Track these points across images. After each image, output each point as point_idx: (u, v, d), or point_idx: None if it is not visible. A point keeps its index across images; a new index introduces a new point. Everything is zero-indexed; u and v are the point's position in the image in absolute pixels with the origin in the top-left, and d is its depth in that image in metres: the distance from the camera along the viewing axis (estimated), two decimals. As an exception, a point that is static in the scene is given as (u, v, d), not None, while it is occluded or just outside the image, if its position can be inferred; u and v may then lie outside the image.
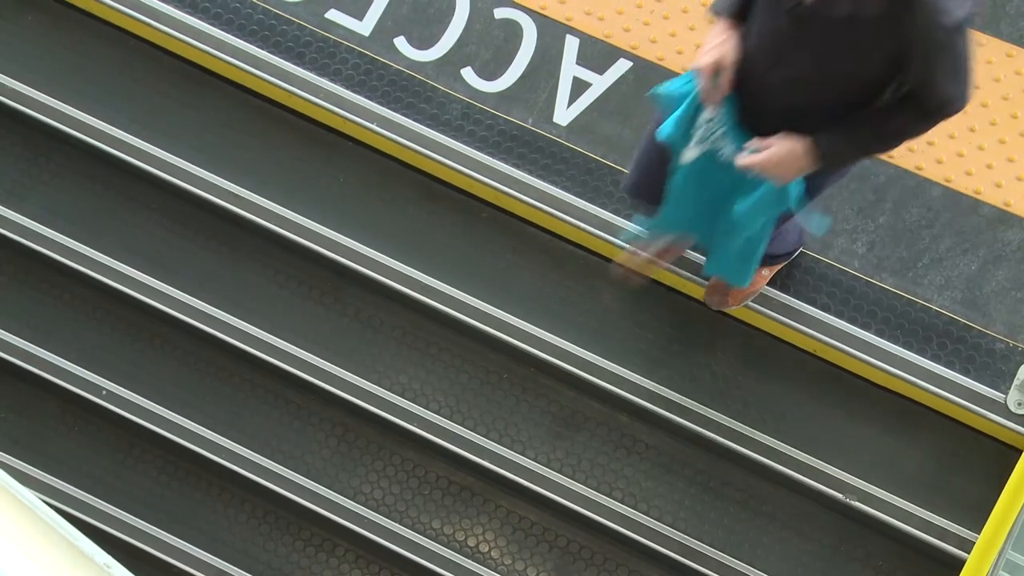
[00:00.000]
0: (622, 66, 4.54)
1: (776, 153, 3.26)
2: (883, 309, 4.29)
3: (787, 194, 3.39)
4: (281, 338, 4.52)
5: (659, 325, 4.43)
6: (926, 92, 3.13)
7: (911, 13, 2.93)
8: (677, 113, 3.44)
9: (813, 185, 3.47)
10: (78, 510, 4.48)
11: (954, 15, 2.92)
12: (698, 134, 3.43)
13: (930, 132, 4.33)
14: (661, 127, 3.49)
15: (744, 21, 3.27)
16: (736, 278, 3.89)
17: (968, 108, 4.33)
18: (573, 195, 4.41)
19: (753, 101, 3.33)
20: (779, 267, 4.25)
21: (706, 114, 3.39)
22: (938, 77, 3.08)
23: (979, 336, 4.24)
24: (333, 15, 4.66)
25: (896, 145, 3.35)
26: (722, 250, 3.77)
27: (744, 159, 3.31)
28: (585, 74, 4.54)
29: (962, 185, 4.37)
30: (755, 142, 3.30)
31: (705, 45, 3.26)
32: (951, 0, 2.91)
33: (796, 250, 4.23)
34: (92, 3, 4.75)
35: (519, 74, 4.57)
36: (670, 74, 4.49)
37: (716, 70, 3.25)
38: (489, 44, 4.60)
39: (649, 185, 3.79)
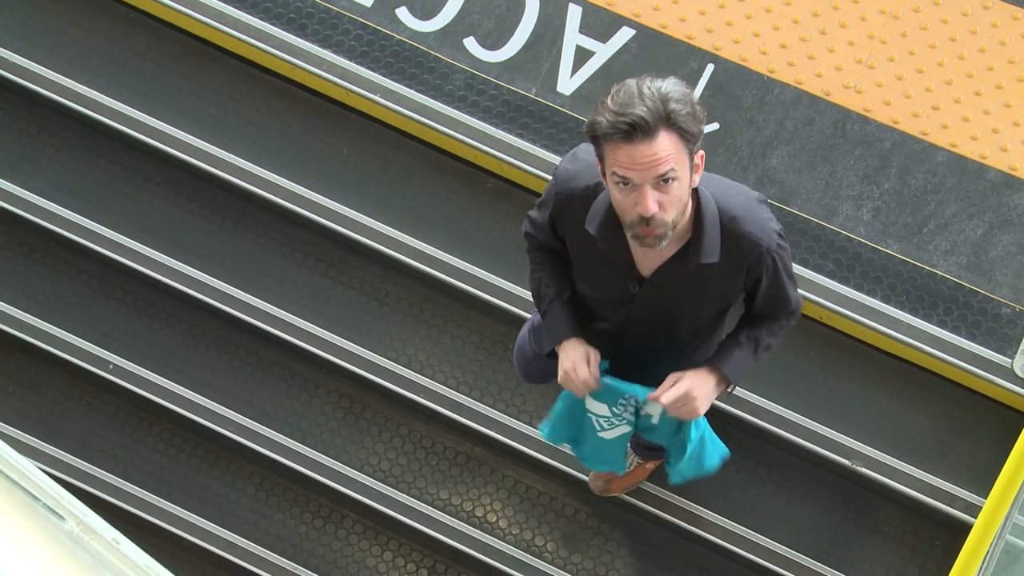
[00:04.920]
0: (625, 34, 4.52)
1: (695, 394, 3.29)
2: (889, 275, 4.28)
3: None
4: (287, 311, 4.53)
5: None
6: (777, 305, 3.25)
7: (745, 247, 3.05)
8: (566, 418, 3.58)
9: None
10: (86, 483, 4.51)
11: (774, 229, 3.07)
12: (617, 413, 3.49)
13: (935, 96, 4.36)
14: (552, 434, 3.65)
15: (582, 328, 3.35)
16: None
17: (973, 72, 4.36)
18: (577, 164, 4.40)
19: (634, 358, 3.41)
20: (660, 461, 4.25)
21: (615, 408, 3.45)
22: (786, 288, 3.21)
23: (985, 301, 4.23)
24: (335, -14, 4.65)
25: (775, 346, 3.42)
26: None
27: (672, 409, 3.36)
28: (588, 43, 4.52)
29: (968, 150, 4.35)
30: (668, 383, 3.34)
31: (573, 368, 3.29)
32: (765, 222, 3.06)
33: None
34: (95, -22, 4.76)
35: (522, 43, 4.55)
36: (673, 41, 4.48)
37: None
38: (491, 13, 4.59)
39: (534, 374, 3.92)
